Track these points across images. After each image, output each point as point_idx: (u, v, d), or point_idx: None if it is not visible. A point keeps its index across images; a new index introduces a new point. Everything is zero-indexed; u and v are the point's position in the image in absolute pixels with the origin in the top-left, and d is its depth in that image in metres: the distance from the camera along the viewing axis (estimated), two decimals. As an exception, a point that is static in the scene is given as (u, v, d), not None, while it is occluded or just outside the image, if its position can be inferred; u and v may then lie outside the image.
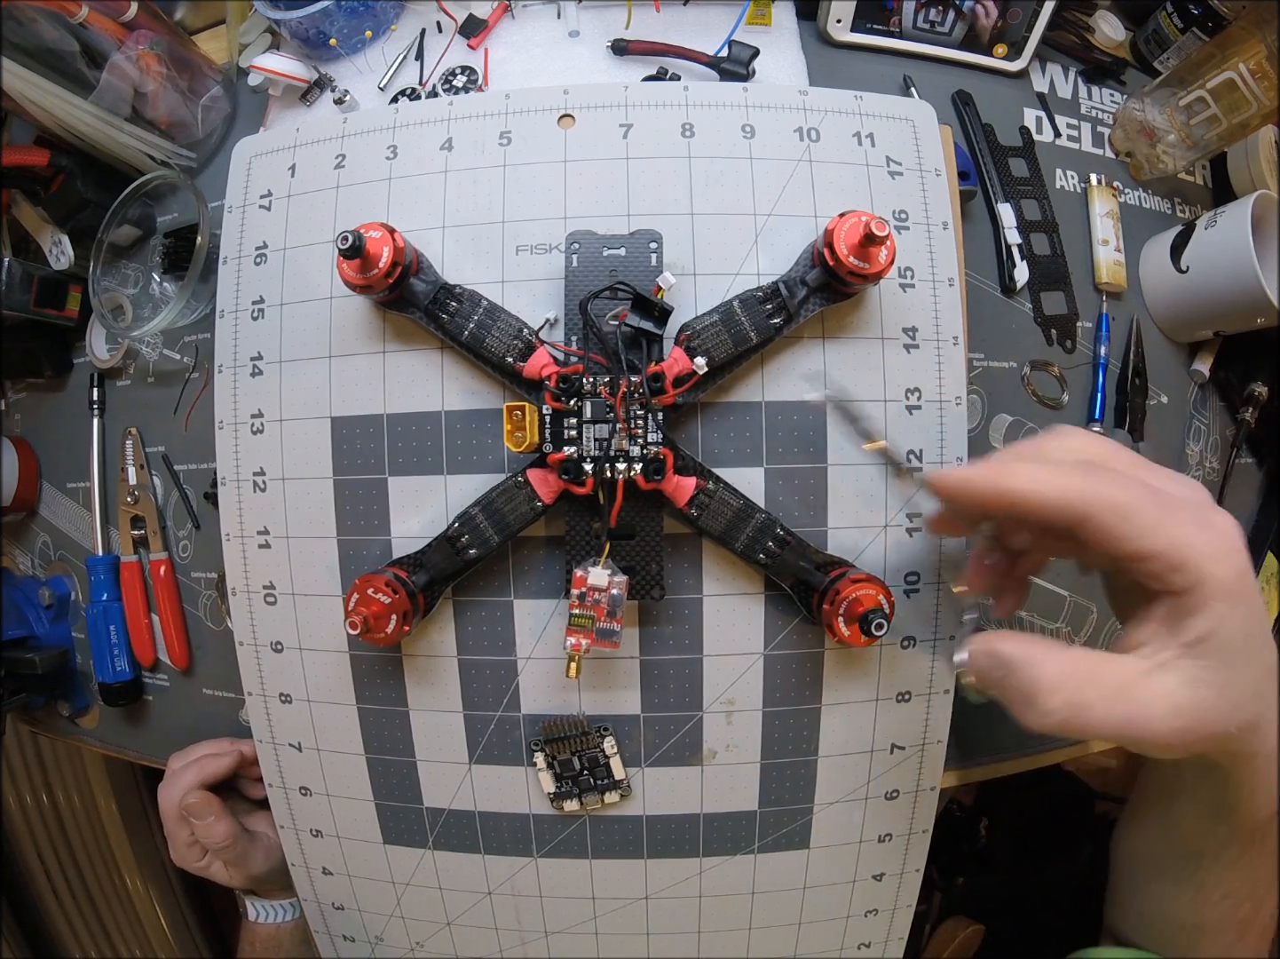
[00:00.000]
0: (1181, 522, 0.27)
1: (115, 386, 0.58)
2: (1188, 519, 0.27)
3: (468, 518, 0.37)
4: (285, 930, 0.53)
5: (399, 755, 0.42)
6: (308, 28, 0.53)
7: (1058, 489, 0.28)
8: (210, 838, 0.48)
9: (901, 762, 0.42)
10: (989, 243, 0.55)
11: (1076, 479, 0.28)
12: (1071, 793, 0.78)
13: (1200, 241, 0.54)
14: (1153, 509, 0.27)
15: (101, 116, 0.51)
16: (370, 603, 0.36)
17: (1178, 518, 0.27)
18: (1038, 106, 0.59)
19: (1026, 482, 0.28)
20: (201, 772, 0.49)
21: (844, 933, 0.45)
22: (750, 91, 0.41)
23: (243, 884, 0.51)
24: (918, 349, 0.40)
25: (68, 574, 0.61)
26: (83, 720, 0.61)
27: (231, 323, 0.42)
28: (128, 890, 0.91)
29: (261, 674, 0.43)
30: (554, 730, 0.41)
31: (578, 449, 0.36)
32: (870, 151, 0.40)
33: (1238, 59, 0.52)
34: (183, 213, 0.56)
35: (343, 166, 0.42)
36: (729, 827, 0.42)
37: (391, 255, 0.35)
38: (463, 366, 0.40)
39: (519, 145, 0.41)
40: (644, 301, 0.36)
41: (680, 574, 0.40)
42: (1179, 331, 0.58)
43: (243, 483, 0.42)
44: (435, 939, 0.46)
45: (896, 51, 0.56)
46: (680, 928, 0.44)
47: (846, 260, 0.35)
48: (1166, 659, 0.27)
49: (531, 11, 0.56)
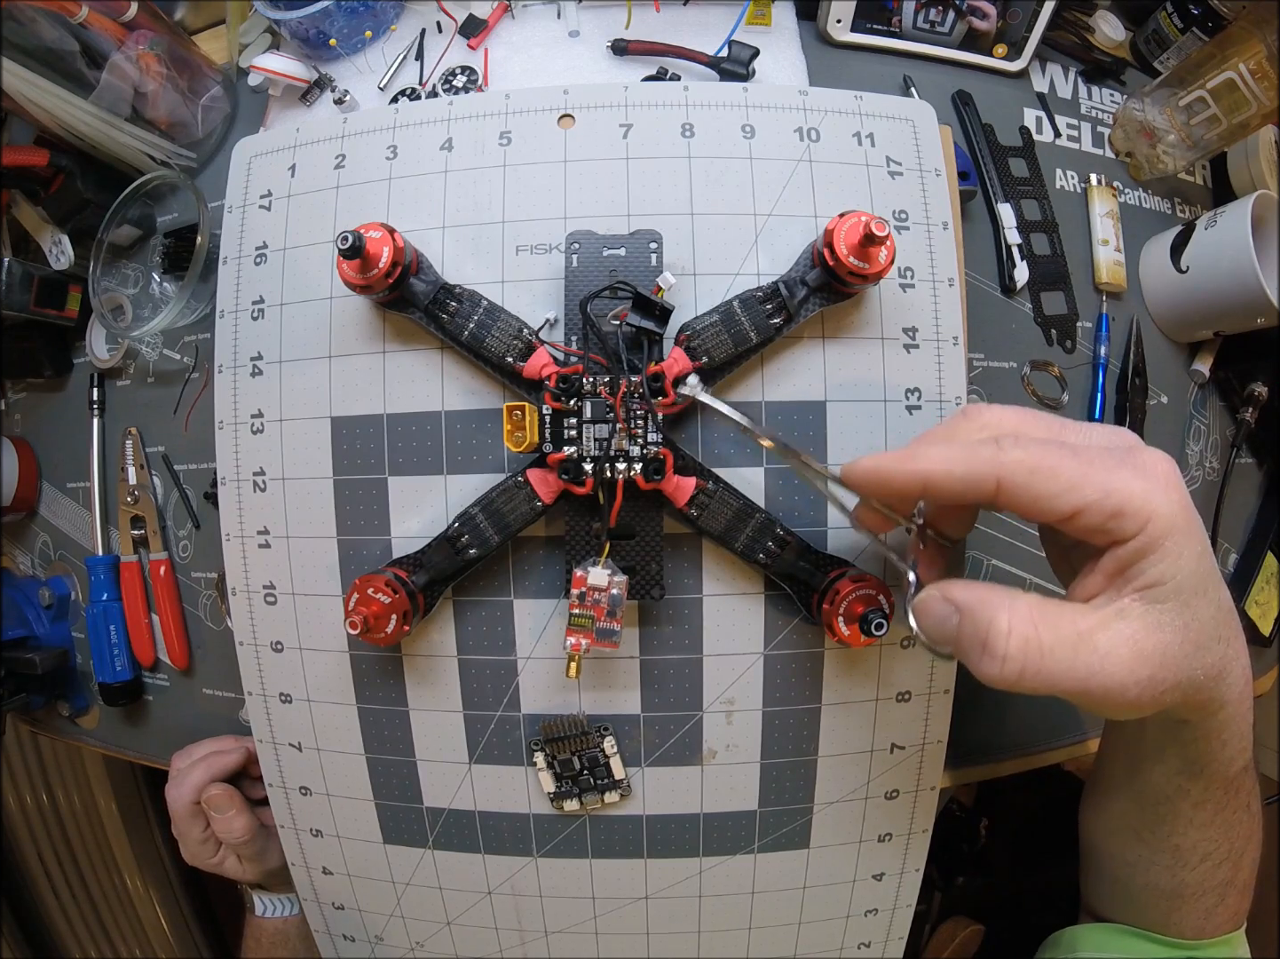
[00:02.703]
0: (1109, 468, 0.26)
1: (115, 386, 0.58)
2: (1115, 464, 0.26)
3: (468, 518, 0.38)
4: (291, 925, 0.53)
5: (399, 755, 0.42)
6: (308, 28, 0.53)
7: (965, 463, 0.27)
8: (230, 832, 0.48)
9: (901, 761, 0.42)
10: (989, 243, 0.55)
11: (986, 451, 0.27)
12: (1071, 793, 0.78)
13: (1200, 241, 0.54)
14: (1073, 464, 0.26)
15: (101, 116, 0.51)
16: (370, 603, 0.36)
17: (1104, 465, 0.26)
18: (1038, 106, 0.59)
19: (939, 461, 0.28)
20: (211, 768, 0.49)
21: (844, 933, 0.45)
22: (750, 91, 0.41)
23: (255, 878, 0.52)
24: (918, 349, 0.40)
25: (68, 574, 0.61)
26: (83, 720, 0.61)
27: (231, 323, 0.42)
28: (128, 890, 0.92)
29: (261, 674, 0.43)
30: (554, 730, 0.41)
31: (578, 449, 0.36)
32: (870, 151, 0.40)
33: (1238, 59, 0.52)
34: (183, 213, 0.56)
35: (343, 166, 0.42)
36: (729, 826, 0.42)
37: (391, 255, 0.35)
38: (463, 366, 0.40)
39: (519, 145, 0.40)
40: (645, 301, 0.36)
41: (680, 574, 0.40)
42: (1179, 331, 0.58)
43: (243, 483, 0.42)
44: (435, 939, 0.46)
45: (896, 51, 0.56)
46: (680, 928, 0.44)
47: (846, 260, 0.35)
48: (1124, 606, 0.26)
49: (531, 11, 0.56)
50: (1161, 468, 0.27)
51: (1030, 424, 0.29)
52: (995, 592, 0.27)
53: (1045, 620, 0.26)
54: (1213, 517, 0.58)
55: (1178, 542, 0.26)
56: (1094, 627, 0.26)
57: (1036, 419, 0.30)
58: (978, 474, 0.27)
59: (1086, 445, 0.28)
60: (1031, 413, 0.30)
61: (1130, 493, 0.25)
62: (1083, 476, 0.26)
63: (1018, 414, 0.30)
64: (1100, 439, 0.28)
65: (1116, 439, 0.29)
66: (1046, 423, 0.29)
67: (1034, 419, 0.30)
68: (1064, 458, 0.26)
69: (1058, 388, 0.55)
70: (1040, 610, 0.26)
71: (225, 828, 0.48)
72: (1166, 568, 0.26)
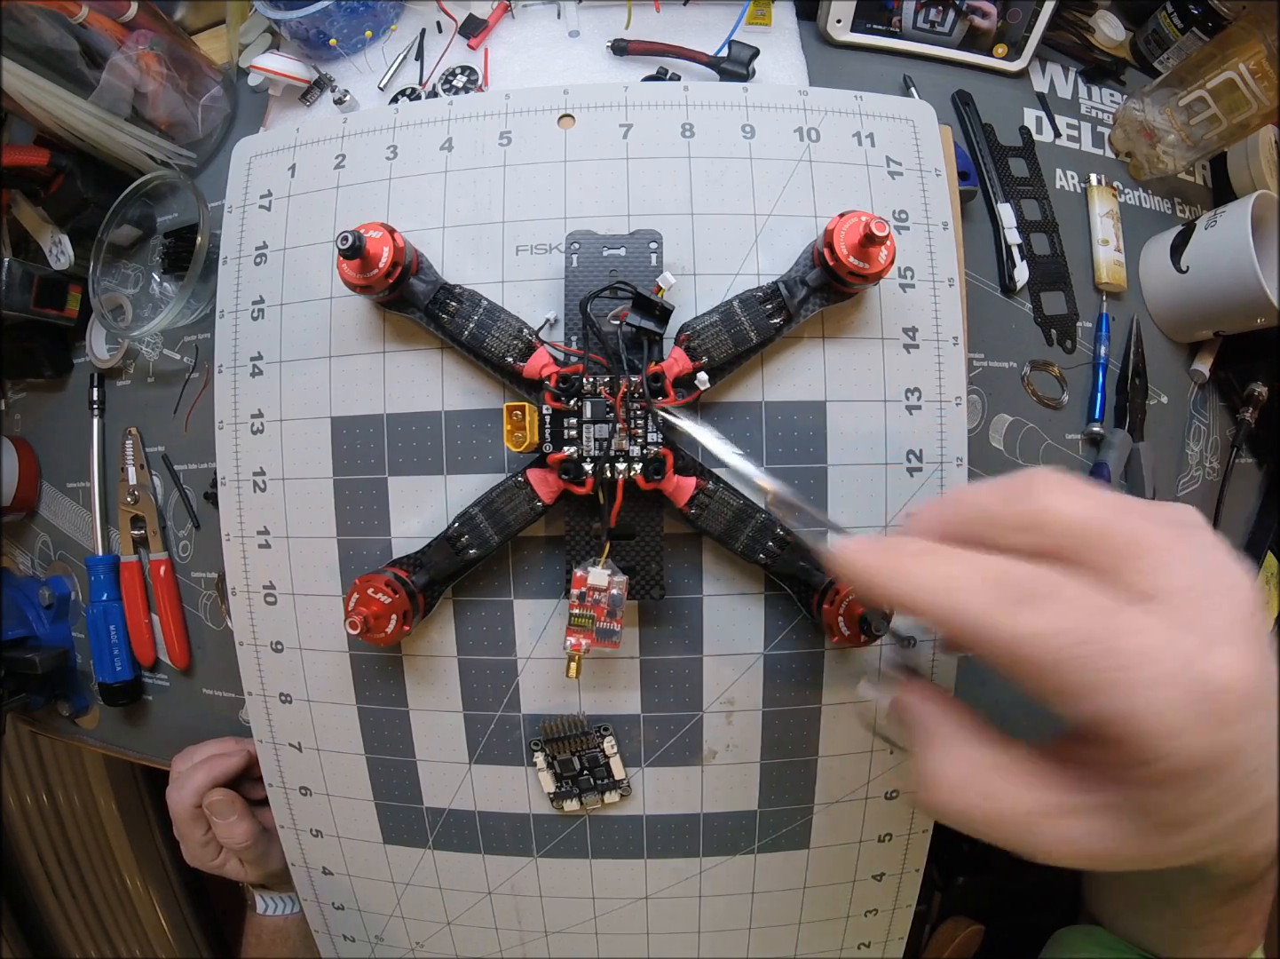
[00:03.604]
0: (1140, 680, 0.19)
1: (115, 386, 0.58)
2: (1156, 661, 0.19)
3: (468, 518, 0.37)
4: (292, 922, 0.53)
5: (399, 755, 0.42)
6: (308, 28, 0.53)
7: (966, 611, 0.20)
8: (231, 838, 0.48)
9: (902, 761, 0.42)
10: (989, 243, 0.55)
11: (1003, 611, 0.20)
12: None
13: (1200, 241, 0.54)
14: (1097, 656, 0.19)
15: (101, 116, 0.51)
16: (370, 603, 0.36)
17: (1137, 672, 0.19)
18: (1038, 106, 0.59)
19: (931, 593, 0.21)
20: (212, 771, 0.49)
21: (844, 933, 0.45)
22: (750, 91, 0.41)
23: (257, 880, 0.52)
24: (918, 349, 0.40)
25: (68, 574, 0.61)
26: (83, 720, 0.61)
27: (231, 323, 0.42)
28: (128, 890, 0.91)
29: (261, 674, 0.43)
30: (554, 730, 0.41)
31: (578, 449, 0.36)
32: (870, 151, 0.40)
33: (1238, 59, 0.52)
34: (183, 213, 0.56)
35: (343, 166, 0.42)
36: (729, 827, 0.42)
37: (391, 255, 0.35)
38: (463, 366, 0.40)
39: (519, 145, 0.40)
40: (645, 301, 0.36)
41: (680, 574, 0.40)
42: (1179, 331, 0.58)
43: (243, 483, 0.42)
44: (435, 939, 0.46)
45: (896, 51, 0.56)
46: (680, 928, 0.44)
47: (846, 260, 0.35)
48: (1097, 805, 0.21)
49: (531, 11, 0.55)
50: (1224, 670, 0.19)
51: (1087, 545, 0.21)
52: (947, 726, 0.23)
53: (985, 792, 0.21)
54: (1213, 517, 0.58)
55: (1192, 783, 0.19)
56: (1042, 819, 0.21)
57: (1104, 527, 0.21)
58: (980, 637, 0.20)
59: (1136, 615, 0.20)
60: (1112, 507, 0.21)
61: (1149, 719, 0.19)
62: (1098, 683, 0.19)
63: (1087, 513, 0.21)
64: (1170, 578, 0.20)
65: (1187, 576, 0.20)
66: (1113, 537, 0.21)
67: (1104, 526, 0.21)
68: (1087, 643, 0.19)
69: (1058, 388, 0.55)
70: (984, 779, 0.22)
71: (226, 834, 0.48)
72: (1167, 801, 0.20)
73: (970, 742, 0.23)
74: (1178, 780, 0.19)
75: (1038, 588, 0.20)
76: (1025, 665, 0.20)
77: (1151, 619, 0.20)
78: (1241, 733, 0.19)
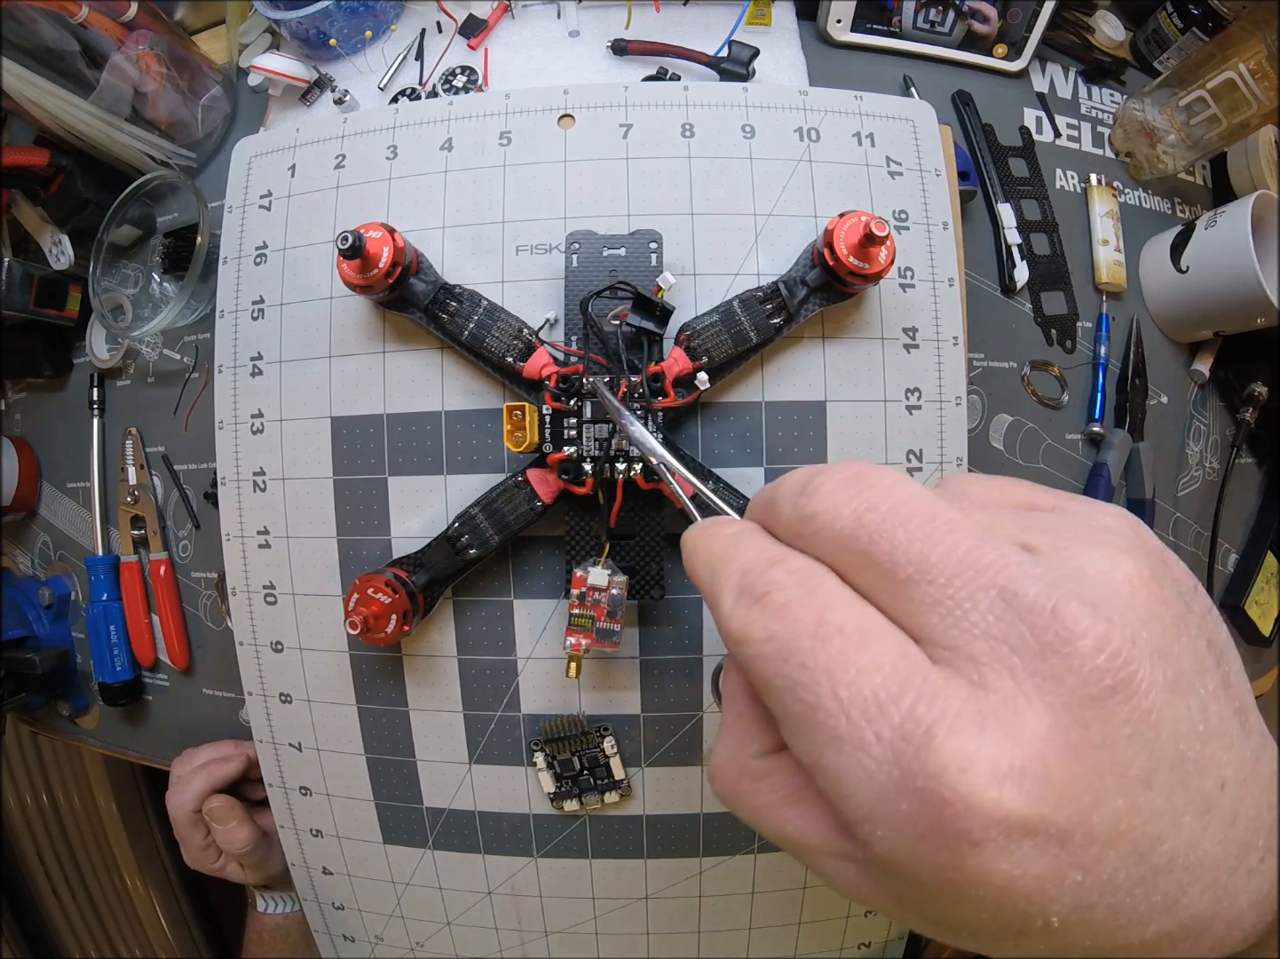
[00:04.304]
0: (836, 731, 0.15)
1: (115, 386, 0.58)
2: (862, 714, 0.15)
3: (468, 518, 0.37)
4: (293, 921, 0.53)
5: (399, 755, 0.42)
6: (308, 28, 0.53)
7: (710, 594, 0.19)
8: (232, 844, 0.48)
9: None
10: (989, 243, 0.55)
11: (731, 583, 0.18)
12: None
13: (1200, 241, 0.54)
14: (794, 681, 0.16)
15: (101, 116, 0.51)
16: (370, 603, 0.36)
17: (831, 719, 0.15)
18: (1038, 106, 0.59)
19: (696, 573, 0.20)
20: (211, 777, 0.49)
21: (844, 933, 0.45)
22: (750, 91, 0.41)
23: (258, 882, 0.52)
24: (918, 349, 0.40)
25: (68, 574, 0.61)
26: (83, 720, 0.61)
27: (231, 323, 0.42)
28: (128, 890, 0.91)
29: (261, 674, 0.43)
30: (554, 730, 0.41)
31: (578, 449, 0.36)
32: (870, 151, 0.40)
33: (1238, 59, 0.52)
34: (183, 213, 0.56)
35: (343, 167, 0.42)
36: (729, 826, 0.42)
37: (391, 255, 0.35)
38: (463, 366, 0.40)
39: (519, 145, 0.41)
40: (645, 301, 0.36)
41: (680, 574, 0.40)
42: (1179, 332, 0.58)
43: (243, 483, 0.42)
44: (435, 939, 0.46)
45: (896, 51, 0.56)
46: (680, 928, 0.44)
47: (846, 260, 0.35)
48: (842, 849, 0.17)
49: (531, 11, 0.55)
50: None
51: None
52: (732, 695, 0.20)
53: (738, 783, 0.19)
54: (1213, 517, 0.58)
55: None
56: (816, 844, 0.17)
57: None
58: (720, 628, 0.18)
59: None
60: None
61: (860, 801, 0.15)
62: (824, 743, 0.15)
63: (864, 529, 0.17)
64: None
65: None
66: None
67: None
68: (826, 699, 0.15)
69: (1058, 388, 0.55)
70: (735, 760, 0.19)
71: (227, 839, 0.48)
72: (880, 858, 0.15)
73: (741, 734, 0.20)
74: (899, 879, 0.15)
75: (770, 585, 0.17)
76: (748, 671, 0.17)
77: (893, 659, 0.15)
78: (997, 868, 0.13)
